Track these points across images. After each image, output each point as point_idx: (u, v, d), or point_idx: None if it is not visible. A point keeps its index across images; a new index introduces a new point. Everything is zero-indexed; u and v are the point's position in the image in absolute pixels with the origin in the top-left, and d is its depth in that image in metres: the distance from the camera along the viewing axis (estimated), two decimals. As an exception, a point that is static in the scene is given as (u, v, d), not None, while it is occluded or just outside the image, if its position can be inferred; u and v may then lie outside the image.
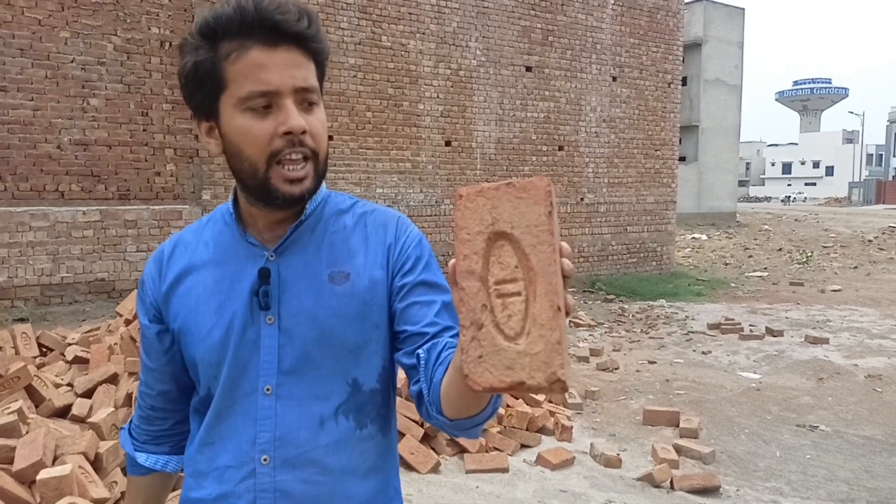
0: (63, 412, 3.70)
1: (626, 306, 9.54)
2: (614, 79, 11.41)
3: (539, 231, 0.72)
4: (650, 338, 7.73)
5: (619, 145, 11.55)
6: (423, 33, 9.32)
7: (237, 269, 1.07)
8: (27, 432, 3.03)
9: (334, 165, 8.60)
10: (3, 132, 6.69)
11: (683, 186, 22.35)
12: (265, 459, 1.02)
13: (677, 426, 4.72)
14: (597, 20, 11.07)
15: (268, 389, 1.04)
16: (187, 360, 1.10)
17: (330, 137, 8.76)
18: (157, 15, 7.46)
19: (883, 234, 21.15)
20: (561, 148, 10.81)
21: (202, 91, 1.00)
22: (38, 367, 4.12)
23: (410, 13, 9.18)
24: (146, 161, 7.49)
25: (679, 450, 4.25)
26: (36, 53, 6.81)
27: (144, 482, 1.23)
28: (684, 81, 23.55)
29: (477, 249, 0.74)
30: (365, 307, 1.06)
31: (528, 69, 10.36)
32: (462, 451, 4.05)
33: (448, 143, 9.62)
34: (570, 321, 8.33)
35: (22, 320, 6.24)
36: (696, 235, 21.13)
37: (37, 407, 3.61)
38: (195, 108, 1.03)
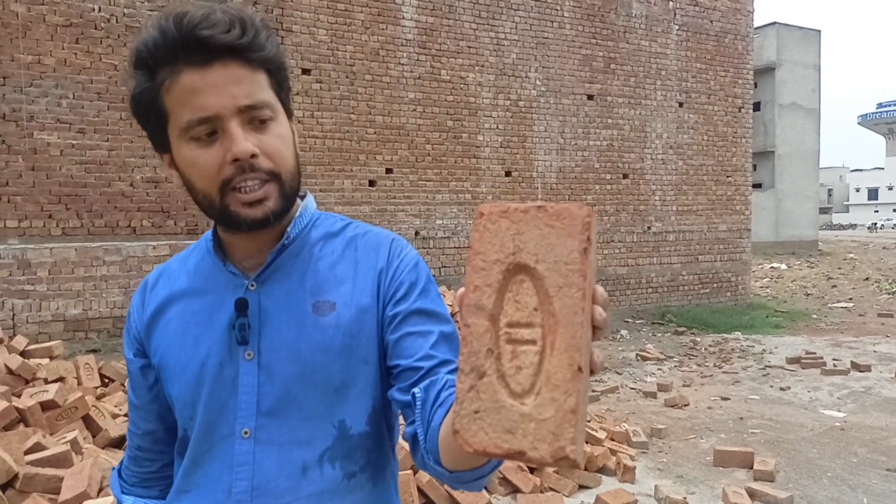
0: (119, 442, 3.75)
1: (698, 339, 9.11)
2: (681, 104, 11.12)
3: (569, 270, 0.59)
4: (724, 372, 7.32)
5: (688, 172, 11.20)
6: (482, 66, 9.34)
7: (216, 300, 0.98)
8: (79, 462, 3.07)
9: (394, 198, 8.65)
10: (81, 171, 7.04)
11: (760, 214, 21.49)
12: None
13: (751, 468, 4.39)
14: (661, 46, 10.85)
15: (245, 433, 0.94)
16: (168, 398, 1.02)
17: (389, 170, 8.89)
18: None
19: (984, 261, 19.65)
20: (626, 176, 10.56)
21: (149, 124, 0.92)
22: (98, 397, 4.21)
23: (469, 47, 9.23)
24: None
25: (753, 494, 3.93)
26: (111, 97, 7.17)
27: None
28: (757, 106, 22.81)
29: (491, 281, 0.62)
30: (352, 340, 0.95)
31: (590, 97, 10.22)
32: (515, 490, 3.87)
33: (508, 174, 9.55)
34: (638, 354, 8.01)
35: (94, 351, 6.47)
36: (774, 265, 20.19)
37: (94, 437, 3.67)
38: (151, 141, 0.95)
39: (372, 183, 8.59)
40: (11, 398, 3.56)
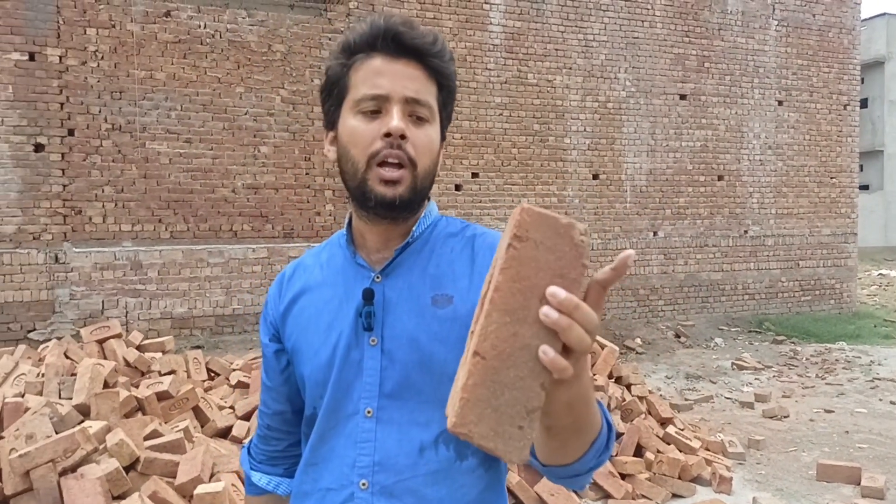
0: (224, 433, 3.97)
1: (799, 349, 8.69)
2: (780, 103, 10.64)
3: (495, 263, 0.69)
4: (827, 384, 6.96)
5: (788, 173, 10.70)
6: (570, 68, 9.27)
7: (346, 290, 1.08)
8: (192, 449, 3.28)
9: (479, 202, 8.71)
10: (188, 179, 7.48)
11: (867, 218, 20.21)
12: (364, 484, 1.01)
13: (858, 484, 4.17)
14: (759, 43, 10.43)
15: (368, 412, 1.02)
16: (298, 379, 1.13)
17: (476, 174, 8.96)
18: (319, 68, 8.05)
19: None
20: (721, 178, 10.20)
21: (330, 98, 1.06)
22: (206, 390, 4.48)
23: (557, 49, 9.19)
24: (308, 202, 8.03)
25: (860, 511, 3.74)
26: (216, 108, 7.58)
27: (260, 502, 1.25)
28: (864, 103, 21.48)
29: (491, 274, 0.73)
30: (467, 333, 1.02)
31: (683, 97, 9.95)
32: (607, 496, 3.84)
33: (595, 177, 9.42)
34: (734, 363, 7.73)
35: (198, 347, 6.86)
36: (883, 272, 18.93)
37: (202, 426, 3.91)
38: (325, 119, 1.09)
39: (458, 187, 8.69)
40: (131, 388, 3.84)
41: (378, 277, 1.06)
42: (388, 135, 0.99)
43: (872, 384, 6.91)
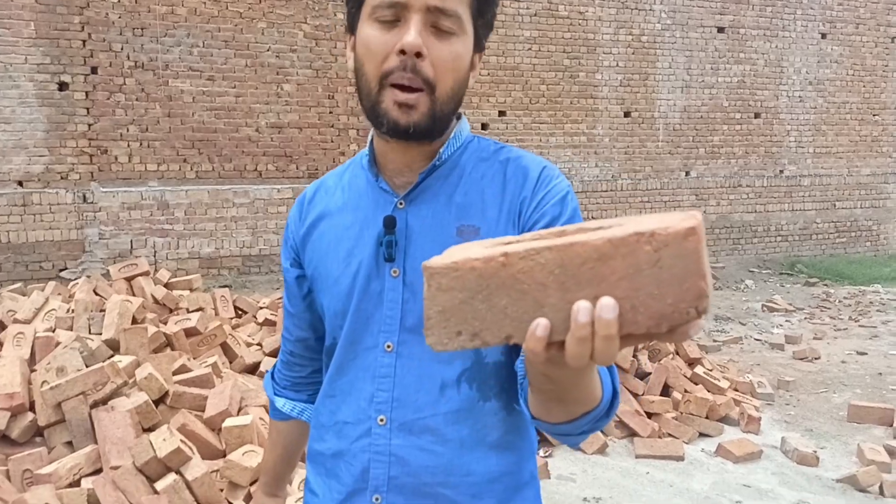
0: (252, 369, 4.01)
1: (832, 291, 8.51)
2: (823, 36, 10.15)
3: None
4: (860, 326, 6.82)
5: (829, 111, 10.29)
6: (603, 0, 8.90)
7: (367, 216, 1.01)
8: (220, 384, 3.31)
9: (507, 141, 8.53)
10: (211, 118, 7.41)
11: (908, 158, 19.52)
12: (382, 420, 0.96)
13: (891, 425, 4.10)
14: (802, -29, 9.89)
15: (388, 346, 0.97)
16: (318, 307, 1.08)
17: (503, 113, 8.75)
18: (342, 1, 7.84)
19: None
20: (757, 115, 9.85)
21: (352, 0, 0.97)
22: (233, 327, 4.51)
23: (589, -20, 8.81)
24: (332, 142, 7.93)
25: (892, 452, 3.68)
26: (238, 44, 7.44)
27: (284, 427, 1.23)
28: (912, 36, 20.46)
29: None
30: None
31: (721, 30, 9.53)
32: (632, 434, 3.82)
33: (627, 114, 9.15)
34: (764, 305, 7.61)
35: (226, 286, 6.92)
36: (923, 214, 18.38)
37: (230, 362, 3.95)
38: (347, 21, 0.99)
39: (484, 126, 8.50)
40: (159, 324, 3.88)
41: (401, 204, 0.99)
42: (402, 52, 0.88)
43: (908, 327, 6.76)
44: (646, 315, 0.56)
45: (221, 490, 2.55)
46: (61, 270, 6.84)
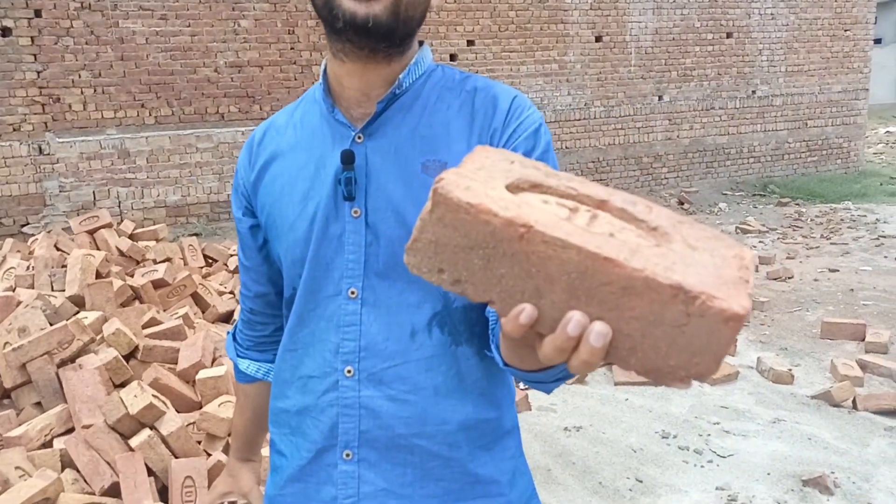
0: (226, 317, 3.94)
1: (804, 210, 8.59)
2: (794, -51, 9.91)
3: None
4: (832, 244, 6.91)
5: (800, 27, 10.14)
6: (569, -82, 8.55)
7: (323, 153, 0.92)
8: (194, 334, 3.24)
9: (476, 72, 8.31)
10: (167, 59, 7.09)
11: (878, 73, 19.52)
12: (349, 371, 0.90)
13: (863, 340, 4.18)
14: None
15: (352, 293, 0.90)
16: (275, 256, 1.00)
17: (471, 42, 8.48)
18: (296, -72, 7.42)
19: None
20: (729, 35, 9.68)
21: None
22: (204, 276, 4.41)
23: None
24: (295, 80, 7.66)
25: (864, 366, 3.75)
26: (189, -21, 7.06)
27: (252, 390, 1.16)
28: (883, -53, 20.13)
29: None
30: None
31: (690, -53, 9.24)
32: (610, 362, 3.85)
33: (598, 39, 8.93)
34: (738, 227, 7.66)
35: (196, 234, 6.78)
36: (891, 129, 18.53)
37: (202, 313, 3.87)
38: None
39: (453, 57, 8.25)
40: (125, 277, 3.77)
41: (360, 137, 0.90)
42: None
43: (878, 242, 6.86)
44: (638, 360, 0.51)
45: (199, 442, 2.51)
46: (23, 226, 6.62)
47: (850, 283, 5.54)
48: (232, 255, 4.70)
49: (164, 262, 4.20)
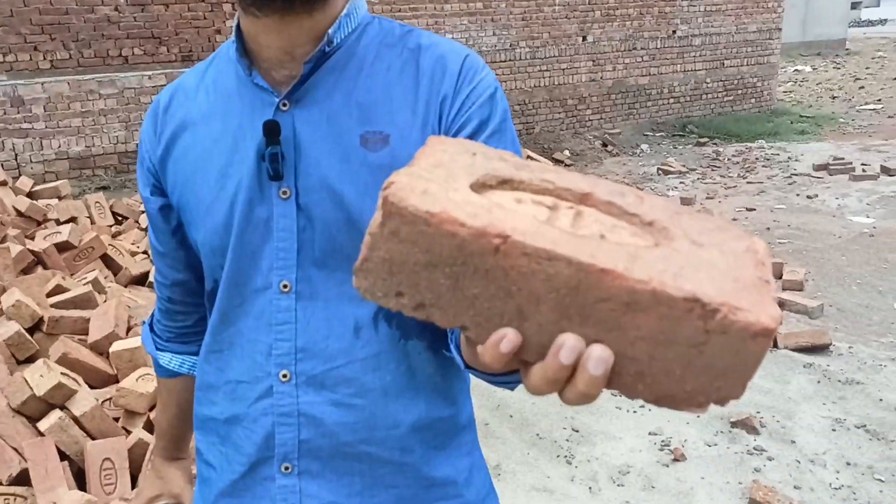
0: (140, 279, 3.71)
1: (721, 150, 8.83)
2: None
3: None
4: (748, 183, 7.14)
5: (717, -33, 10.21)
6: None
7: (242, 123, 0.79)
8: (105, 301, 3.02)
9: (399, 11, 8.00)
10: (59, -4, 6.47)
11: (787, 12, 20.07)
12: (284, 376, 0.79)
13: (780, 278, 4.35)
14: None
15: (285, 286, 0.78)
16: (192, 243, 0.86)
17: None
18: None
19: None
20: (650, -26, 9.64)
21: None
22: (113, 236, 4.13)
23: None
24: (205, 18, 7.16)
25: (782, 304, 3.91)
26: None
27: (175, 385, 1.03)
28: None
29: None
30: None
31: None
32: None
33: (522, -23, 8.72)
34: (659, 169, 7.80)
35: (104, 188, 6.35)
36: (798, 67, 19.22)
37: (114, 276, 3.63)
38: None
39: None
40: (25, 241, 3.47)
41: (285, 104, 0.77)
42: None
43: (790, 180, 7.13)
44: (647, 387, 0.43)
45: (117, 419, 2.36)
46: None
47: (766, 221, 5.74)
48: (144, 211, 4.41)
49: (68, 221, 3.89)
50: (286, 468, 0.80)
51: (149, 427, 2.35)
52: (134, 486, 2.20)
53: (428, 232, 0.42)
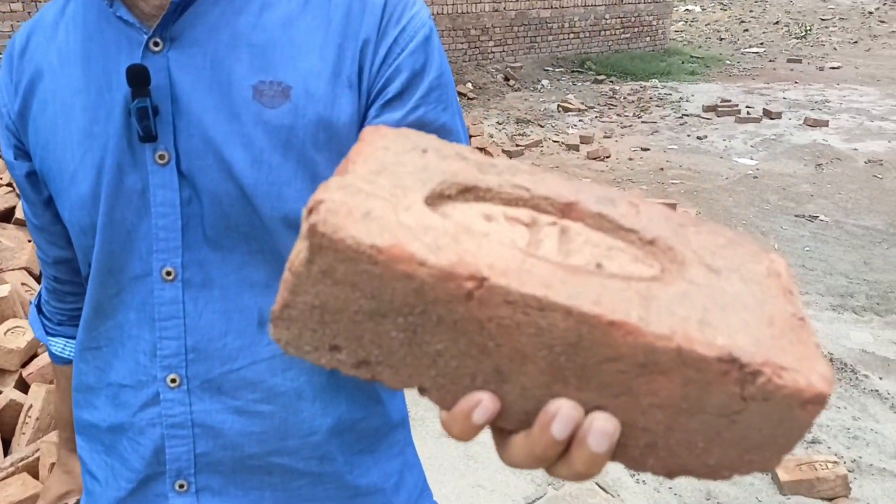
0: (5, 216, 3.33)
1: (618, 88, 8.98)
2: None
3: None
4: (643, 122, 7.32)
5: None
6: None
7: (106, 68, 0.62)
8: (-39, 245, 2.68)
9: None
10: None
11: (682, -49, 20.44)
12: (173, 380, 0.66)
13: (673, 219, 4.50)
14: None
15: (168, 273, 0.64)
16: (62, 217, 0.70)
17: None
18: None
19: (884, 4, 19.94)
20: None
21: None
22: (-30, 167, 3.66)
23: None
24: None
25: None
26: None
27: (71, 371, 0.87)
28: None
29: None
30: (317, 152, 0.61)
31: None
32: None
33: None
34: (559, 105, 7.84)
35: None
36: (689, 7, 19.78)
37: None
38: None
39: None
40: None
41: (156, 43, 0.61)
42: None
43: (682, 120, 7.37)
44: (659, 460, 0.35)
45: (-17, 380, 2.11)
46: None
47: (659, 162, 5.92)
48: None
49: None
50: (181, 486, 0.69)
51: (21, 386, 2.12)
52: (7, 452, 2.00)
53: (375, 272, 0.31)
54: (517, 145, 6.15)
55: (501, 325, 0.32)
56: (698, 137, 6.69)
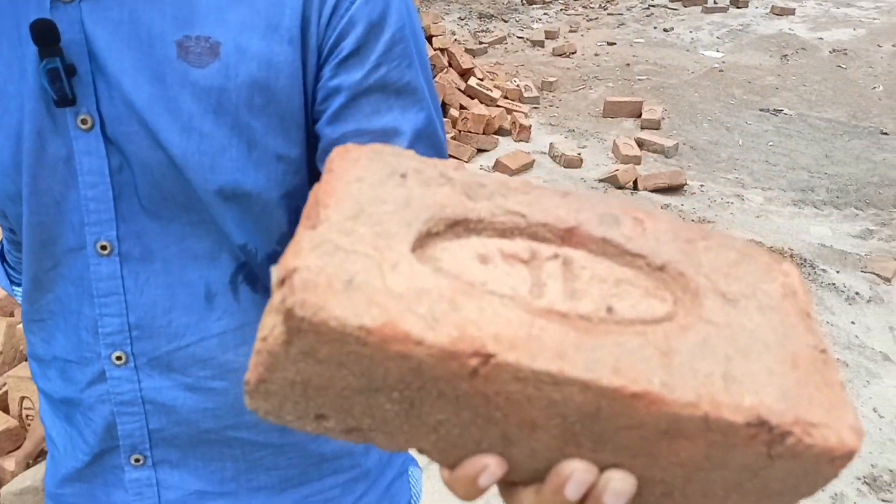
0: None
1: (582, -23, 8.64)
2: None
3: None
4: (609, 14, 7.11)
5: None
6: None
7: (16, 21, 0.56)
8: None
9: None
10: None
11: None
12: (119, 358, 0.63)
13: (639, 117, 4.47)
14: None
15: (103, 247, 0.60)
16: None
17: None
18: None
19: None
20: None
21: None
22: None
23: None
24: None
25: (641, 144, 4.04)
26: None
27: None
28: None
29: None
30: (251, 117, 0.56)
31: None
32: (414, 159, 3.75)
33: None
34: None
35: None
36: None
37: None
38: None
39: None
40: None
41: None
42: None
43: (648, 12, 7.17)
44: None
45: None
46: None
47: (625, 56, 5.80)
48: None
49: None
50: (136, 460, 0.67)
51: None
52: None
53: (364, 353, 0.28)
54: (480, 42, 5.95)
55: (510, 399, 0.29)
56: (665, 30, 6.54)
